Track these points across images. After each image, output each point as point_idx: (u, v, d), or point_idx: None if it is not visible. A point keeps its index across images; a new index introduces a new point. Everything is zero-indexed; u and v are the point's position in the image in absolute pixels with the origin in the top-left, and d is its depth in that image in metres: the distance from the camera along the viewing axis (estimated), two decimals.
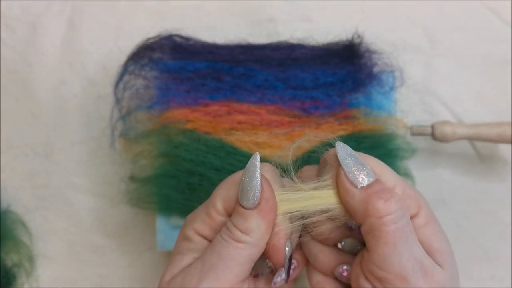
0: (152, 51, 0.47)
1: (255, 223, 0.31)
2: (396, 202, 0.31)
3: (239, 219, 0.32)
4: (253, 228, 0.31)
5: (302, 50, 0.47)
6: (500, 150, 0.53)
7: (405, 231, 0.31)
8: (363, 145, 0.45)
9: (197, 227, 0.33)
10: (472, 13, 0.54)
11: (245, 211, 0.31)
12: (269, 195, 0.32)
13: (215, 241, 0.32)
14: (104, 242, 0.53)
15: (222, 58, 0.47)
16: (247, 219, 0.31)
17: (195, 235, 0.33)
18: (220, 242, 0.32)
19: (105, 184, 0.53)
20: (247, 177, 0.32)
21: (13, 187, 0.53)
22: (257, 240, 0.31)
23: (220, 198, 0.33)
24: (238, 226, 0.31)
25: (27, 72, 0.54)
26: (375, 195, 0.31)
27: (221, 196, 0.33)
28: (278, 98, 0.45)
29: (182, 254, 0.33)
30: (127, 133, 0.48)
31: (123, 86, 0.47)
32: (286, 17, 0.54)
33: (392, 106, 0.48)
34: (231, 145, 0.44)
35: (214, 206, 0.33)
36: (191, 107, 0.45)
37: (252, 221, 0.31)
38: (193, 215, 0.34)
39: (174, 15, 0.54)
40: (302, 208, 0.32)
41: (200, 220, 0.34)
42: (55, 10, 0.54)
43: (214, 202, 0.33)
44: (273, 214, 0.32)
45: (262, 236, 0.32)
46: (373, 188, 0.31)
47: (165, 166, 0.45)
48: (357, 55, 0.47)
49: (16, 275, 0.51)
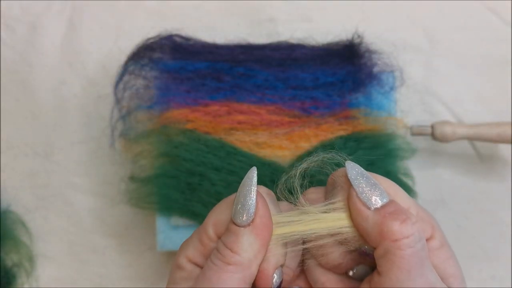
0: (152, 51, 0.47)
1: (247, 241, 0.29)
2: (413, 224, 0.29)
3: (230, 237, 0.30)
4: (244, 247, 0.29)
5: (302, 50, 0.47)
6: (500, 150, 0.53)
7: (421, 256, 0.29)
8: (363, 145, 0.45)
9: (190, 255, 0.32)
10: (472, 13, 0.54)
11: (237, 229, 0.30)
12: (264, 213, 0.30)
13: (206, 267, 0.30)
14: (104, 242, 0.53)
15: (222, 58, 0.47)
16: (239, 237, 0.29)
17: (187, 263, 0.32)
18: (210, 268, 0.30)
19: (105, 184, 0.53)
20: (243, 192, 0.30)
21: (13, 187, 0.53)
22: (248, 261, 0.29)
23: (212, 223, 0.31)
24: (229, 244, 0.30)
25: (27, 72, 0.54)
26: (390, 217, 0.29)
27: (213, 220, 0.31)
28: (278, 98, 0.45)
29: (176, 283, 0.32)
30: (127, 133, 0.48)
31: (123, 86, 0.47)
32: (286, 17, 0.54)
33: (392, 106, 0.48)
34: (231, 145, 0.44)
35: (206, 231, 0.31)
36: (191, 107, 0.45)
37: (244, 239, 0.29)
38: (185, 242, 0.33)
39: (174, 15, 0.54)
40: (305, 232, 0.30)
41: (192, 247, 0.32)
42: (55, 10, 0.54)
43: (205, 228, 0.32)
44: (268, 233, 0.30)
45: (254, 257, 0.30)
46: (387, 209, 0.29)
47: (165, 166, 0.45)
48: (357, 55, 0.47)
49: (16, 275, 0.51)
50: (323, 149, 0.44)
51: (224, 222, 0.31)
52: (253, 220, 0.30)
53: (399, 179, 0.46)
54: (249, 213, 0.30)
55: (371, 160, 0.45)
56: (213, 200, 0.44)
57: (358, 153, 0.45)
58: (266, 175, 0.44)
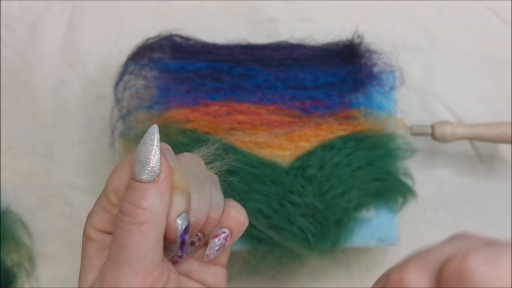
0: (152, 51, 0.47)
1: (155, 196, 0.29)
2: None
3: (134, 195, 0.29)
4: (153, 202, 0.29)
5: (302, 50, 0.47)
6: (500, 150, 0.53)
7: None
8: (363, 145, 0.45)
9: (96, 224, 0.31)
10: (472, 13, 0.54)
11: (142, 185, 0.29)
12: (167, 167, 0.29)
13: (116, 234, 0.29)
14: None
15: (222, 58, 0.47)
16: (145, 192, 0.29)
17: (96, 233, 0.31)
18: (121, 234, 0.29)
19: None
20: (145, 148, 0.29)
21: (13, 187, 0.53)
22: (158, 215, 0.29)
23: (111, 188, 0.31)
24: (135, 202, 0.29)
25: (27, 72, 0.54)
26: None
27: (112, 185, 0.31)
28: (278, 98, 0.45)
29: (90, 256, 0.31)
30: (127, 133, 0.48)
31: (123, 86, 0.47)
32: (286, 17, 0.54)
33: (392, 106, 0.48)
34: (231, 145, 0.44)
35: (107, 197, 0.31)
36: (191, 107, 0.45)
37: (152, 195, 0.29)
38: (90, 213, 0.32)
39: (174, 15, 0.54)
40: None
41: (97, 216, 0.31)
42: (55, 10, 0.54)
43: (107, 193, 0.31)
44: (171, 186, 0.30)
45: (163, 211, 0.29)
46: None
47: None
48: (357, 55, 0.47)
49: (16, 275, 0.51)
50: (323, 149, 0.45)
51: (123, 184, 0.30)
52: (158, 176, 0.29)
53: (399, 179, 0.46)
54: (154, 170, 0.29)
55: (371, 160, 0.45)
56: None
57: (358, 153, 0.45)
58: (266, 175, 0.44)
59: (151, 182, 0.29)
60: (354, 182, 0.44)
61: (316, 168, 0.44)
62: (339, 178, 0.44)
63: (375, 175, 0.45)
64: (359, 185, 0.44)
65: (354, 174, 0.44)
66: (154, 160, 0.29)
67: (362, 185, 0.44)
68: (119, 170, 0.31)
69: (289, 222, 0.43)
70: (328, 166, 0.44)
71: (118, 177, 0.31)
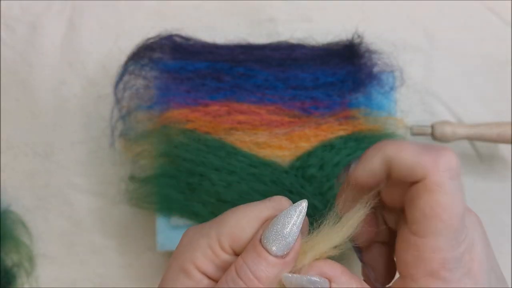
0: (152, 51, 0.47)
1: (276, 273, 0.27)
2: None
3: (258, 263, 0.27)
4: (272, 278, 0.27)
5: (302, 50, 0.47)
6: (500, 150, 0.53)
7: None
8: (363, 145, 0.45)
9: (198, 263, 0.28)
10: (472, 13, 0.54)
11: (269, 257, 0.27)
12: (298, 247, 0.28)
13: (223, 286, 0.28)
14: (104, 242, 0.53)
15: (222, 58, 0.47)
16: (269, 267, 0.27)
17: (195, 270, 0.29)
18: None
19: (105, 184, 0.53)
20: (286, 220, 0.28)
21: (13, 187, 0.53)
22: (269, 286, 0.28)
23: (228, 233, 0.29)
24: (256, 272, 0.27)
25: (27, 72, 0.54)
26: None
27: (228, 231, 0.29)
28: (278, 98, 0.45)
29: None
30: (127, 133, 0.48)
31: (123, 86, 0.47)
32: (286, 17, 0.54)
33: (392, 106, 0.48)
34: (231, 145, 0.44)
35: (220, 241, 0.29)
36: (191, 107, 0.45)
37: (274, 271, 0.27)
38: (191, 246, 0.29)
39: (174, 15, 0.54)
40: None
41: (202, 255, 0.29)
42: (55, 10, 0.54)
43: (219, 237, 0.29)
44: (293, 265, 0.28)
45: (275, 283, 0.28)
46: None
47: (165, 166, 0.45)
48: (357, 55, 0.47)
49: (16, 275, 0.51)
50: (323, 149, 0.45)
51: (243, 238, 0.28)
52: (288, 254, 0.28)
53: None
54: (288, 245, 0.27)
55: None
56: (213, 200, 0.44)
57: (358, 153, 0.45)
58: (266, 175, 0.44)
59: (279, 257, 0.28)
60: None
61: (316, 168, 0.44)
62: None
63: None
64: None
65: None
66: (292, 236, 0.28)
67: None
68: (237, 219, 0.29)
69: None
70: (328, 166, 0.44)
71: (236, 225, 0.29)
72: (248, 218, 0.29)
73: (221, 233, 0.29)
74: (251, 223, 0.29)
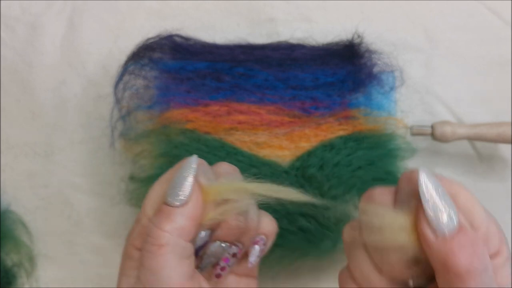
0: (152, 51, 0.47)
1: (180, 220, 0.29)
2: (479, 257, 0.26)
3: (161, 217, 0.29)
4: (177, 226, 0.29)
5: (302, 50, 0.47)
6: (500, 150, 0.53)
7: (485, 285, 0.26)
8: (363, 145, 0.45)
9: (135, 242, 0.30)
10: (472, 13, 0.54)
11: (170, 209, 0.29)
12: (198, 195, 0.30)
13: (142, 255, 0.29)
14: (104, 242, 0.53)
15: (222, 58, 0.47)
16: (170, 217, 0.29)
17: (134, 250, 0.31)
18: (146, 255, 0.29)
19: (105, 184, 0.53)
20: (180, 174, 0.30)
21: (13, 187, 0.53)
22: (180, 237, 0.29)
23: (150, 204, 0.31)
24: (160, 225, 0.29)
25: (27, 72, 0.54)
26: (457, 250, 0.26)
27: (150, 201, 0.31)
28: (278, 98, 0.45)
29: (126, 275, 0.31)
30: (127, 133, 0.48)
31: (123, 86, 0.47)
32: (286, 17, 0.54)
33: (392, 106, 0.48)
34: (231, 145, 0.44)
35: (145, 213, 0.31)
36: (191, 107, 0.45)
37: (177, 219, 0.29)
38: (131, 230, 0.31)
39: (174, 15, 0.54)
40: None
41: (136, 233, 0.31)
42: (55, 10, 0.54)
43: (144, 209, 0.31)
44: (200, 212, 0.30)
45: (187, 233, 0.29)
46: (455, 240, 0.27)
47: (165, 166, 0.45)
48: (357, 55, 0.47)
49: (16, 275, 0.51)
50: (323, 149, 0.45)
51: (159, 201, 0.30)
52: (187, 202, 0.29)
53: None
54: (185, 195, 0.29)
55: (371, 160, 0.45)
56: None
57: (358, 153, 0.45)
58: (266, 175, 0.44)
59: (179, 207, 0.29)
60: (354, 182, 0.44)
61: (316, 168, 0.44)
62: (339, 178, 0.44)
63: (375, 175, 0.45)
64: (359, 185, 0.44)
65: (354, 174, 0.44)
66: (187, 186, 0.29)
67: (362, 185, 0.44)
68: (154, 188, 0.31)
69: (289, 222, 0.43)
70: (328, 166, 0.44)
71: (155, 195, 0.31)
72: (160, 184, 0.31)
73: (145, 207, 0.31)
74: (164, 187, 0.30)
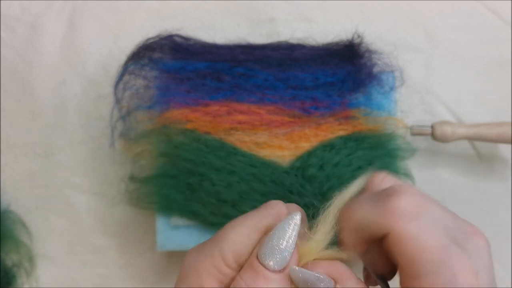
0: (152, 51, 0.47)
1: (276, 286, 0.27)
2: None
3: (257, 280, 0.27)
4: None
5: (302, 50, 0.47)
6: (500, 150, 0.53)
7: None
8: (363, 145, 0.45)
9: (206, 285, 0.28)
10: (472, 13, 0.54)
11: (267, 273, 0.27)
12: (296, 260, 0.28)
13: None
14: (104, 242, 0.53)
15: (222, 58, 0.47)
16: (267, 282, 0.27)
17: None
18: None
19: (105, 184, 0.53)
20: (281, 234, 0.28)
21: (13, 187, 0.53)
22: None
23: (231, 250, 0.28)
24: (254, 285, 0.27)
25: (27, 72, 0.54)
26: None
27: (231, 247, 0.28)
28: (278, 98, 0.45)
29: None
30: (127, 133, 0.48)
31: (123, 86, 0.47)
32: (286, 17, 0.54)
33: (392, 106, 0.48)
34: (231, 145, 0.44)
35: (224, 259, 0.28)
36: (191, 107, 0.45)
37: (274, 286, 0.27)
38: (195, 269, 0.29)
39: (174, 15, 0.54)
40: None
41: (209, 276, 0.28)
42: (55, 10, 0.54)
43: (223, 255, 0.28)
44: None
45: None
46: None
47: (165, 166, 0.45)
48: (357, 55, 0.47)
49: (16, 275, 0.51)
50: (323, 149, 0.45)
51: (246, 252, 0.28)
52: (285, 267, 0.28)
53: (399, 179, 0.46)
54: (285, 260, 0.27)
55: (371, 160, 0.45)
56: (213, 200, 0.44)
57: (358, 153, 0.45)
58: (266, 175, 0.44)
59: (277, 272, 0.27)
60: None
61: (316, 168, 0.44)
62: (339, 178, 0.44)
63: None
64: None
65: (354, 174, 0.44)
66: (288, 250, 0.27)
67: None
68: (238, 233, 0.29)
69: None
70: (328, 166, 0.44)
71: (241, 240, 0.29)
72: (247, 231, 0.29)
73: (224, 250, 0.28)
74: (251, 236, 0.29)
